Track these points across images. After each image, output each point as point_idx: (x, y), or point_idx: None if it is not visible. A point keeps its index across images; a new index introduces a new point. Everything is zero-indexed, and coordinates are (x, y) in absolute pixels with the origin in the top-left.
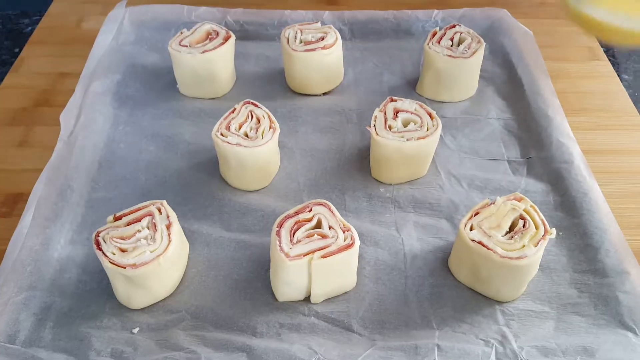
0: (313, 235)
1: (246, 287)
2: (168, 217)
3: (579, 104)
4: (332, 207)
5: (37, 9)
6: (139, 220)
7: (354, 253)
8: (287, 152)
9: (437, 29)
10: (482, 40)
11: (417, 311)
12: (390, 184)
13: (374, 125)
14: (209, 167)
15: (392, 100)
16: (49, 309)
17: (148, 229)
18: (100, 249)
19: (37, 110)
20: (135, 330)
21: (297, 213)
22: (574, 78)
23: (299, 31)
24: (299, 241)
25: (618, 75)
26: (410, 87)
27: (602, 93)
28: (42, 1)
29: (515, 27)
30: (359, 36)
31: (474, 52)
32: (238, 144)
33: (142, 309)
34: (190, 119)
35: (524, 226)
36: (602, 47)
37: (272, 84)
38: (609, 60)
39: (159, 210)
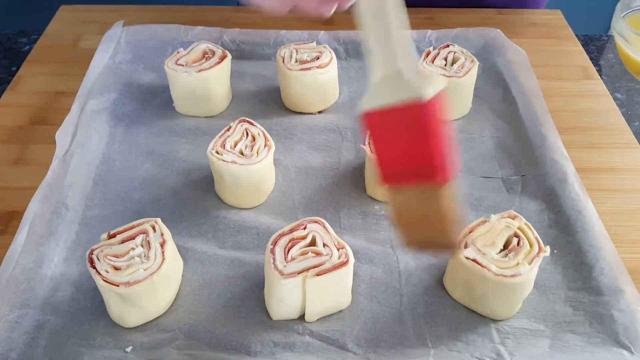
0: (307, 253)
1: (240, 306)
2: (162, 234)
3: (573, 123)
4: (327, 225)
5: (35, 28)
6: (133, 238)
7: (348, 271)
8: (282, 169)
9: (431, 48)
10: (475, 59)
11: (412, 329)
12: (385, 202)
13: (369, 143)
14: (204, 184)
15: None
16: (41, 328)
17: (142, 246)
18: (94, 267)
19: (33, 129)
20: (129, 349)
21: (291, 231)
22: (567, 97)
23: (294, 50)
24: (293, 259)
25: (611, 94)
26: None
27: (595, 111)
28: (40, 20)
29: (509, 46)
30: (354, 55)
31: (467, 72)
32: (233, 162)
33: (136, 328)
34: (186, 137)
35: (518, 244)
36: (595, 66)
37: (267, 103)
38: (602, 79)
39: (153, 228)
